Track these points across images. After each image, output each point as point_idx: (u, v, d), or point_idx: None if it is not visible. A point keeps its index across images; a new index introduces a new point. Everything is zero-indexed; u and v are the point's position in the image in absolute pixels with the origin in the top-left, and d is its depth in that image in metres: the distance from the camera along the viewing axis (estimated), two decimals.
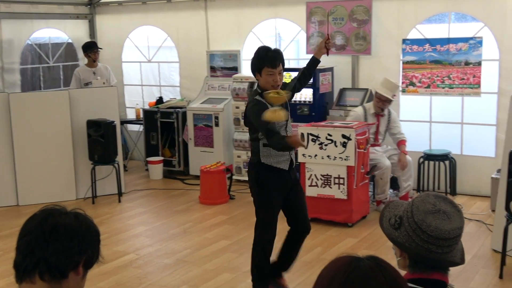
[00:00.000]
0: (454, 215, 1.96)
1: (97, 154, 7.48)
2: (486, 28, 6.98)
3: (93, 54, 8.68)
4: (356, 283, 1.35)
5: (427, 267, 1.96)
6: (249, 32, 8.66)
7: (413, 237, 1.95)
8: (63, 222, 1.71)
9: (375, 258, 1.42)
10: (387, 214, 2.08)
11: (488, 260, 5.35)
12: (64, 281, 1.69)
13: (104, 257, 1.88)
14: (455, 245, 1.97)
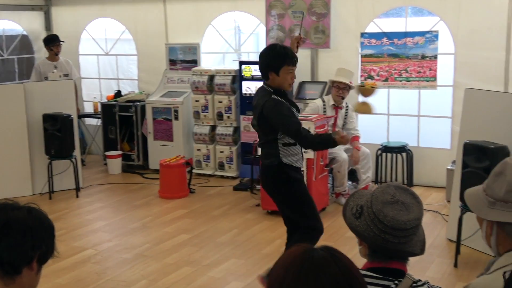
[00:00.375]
0: (413, 206, 1.98)
1: (54, 149, 7.35)
2: (442, 22, 7.11)
3: (55, 47, 8.52)
4: (310, 273, 1.36)
5: (385, 256, 1.99)
6: (208, 25, 8.61)
7: (371, 226, 1.97)
8: (15, 217, 1.68)
9: (329, 249, 1.44)
10: (351, 204, 2.11)
11: (444, 249, 5.47)
12: (17, 277, 1.66)
13: (60, 252, 1.85)
14: (413, 236, 1.99)
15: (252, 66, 7.73)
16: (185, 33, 8.76)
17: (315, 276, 1.36)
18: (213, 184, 7.93)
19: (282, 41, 7.97)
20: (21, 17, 9.65)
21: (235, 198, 7.25)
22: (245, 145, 7.85)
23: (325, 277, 1.36)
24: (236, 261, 5.31)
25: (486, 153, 4.84)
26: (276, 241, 5.77)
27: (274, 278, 1.41)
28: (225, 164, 8.18)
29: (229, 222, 6.40)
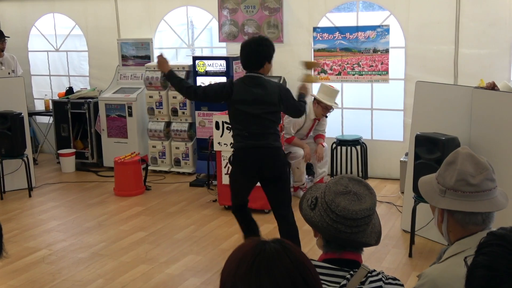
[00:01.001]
0: (366, 197, 2.02)
1: (4, 148, 7.17)
2: (392, 16, 7.22)
3: (1, 43, 8.27)
4: (262, 266, 1.36)
5: (339, 247, 2.02)
6: (161, 20, 8.53)
7: (325, 217, 2.00)
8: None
9: (280, 241, 1.44)
10: (308, 196, 2.14)
11: (399, 240, 5.58)
12: None
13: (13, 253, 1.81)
14: (365, 226, 2.02)
15: (206, 61, 7.70)
16: (137, 28, 8.66)
17: (267, 268, 1.36)
18: (169, 180, 7.88)
19: (235, 36, 7.97)
20: None
21: (191, 194, 7.22)
22: (200, 140, 7.82)
23: (278, 269, 1.36)
24: (193, 257, 5.29)
25: (437, 144, 4.95)
26: (233, 236, 5.78)
27: (227, 272, 1.41)
28: (181, 160, 8.14)
29: (186, 218, 6.37)
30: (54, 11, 9.29)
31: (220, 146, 6.39)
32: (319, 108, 6.88)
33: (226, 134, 6.33)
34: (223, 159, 6.41)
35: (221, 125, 6.35)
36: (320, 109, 6.88)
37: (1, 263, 4.96)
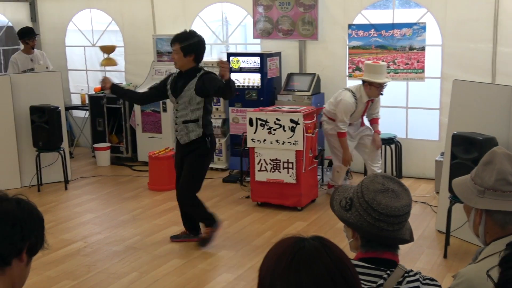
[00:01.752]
0: (402, 194, 2.01)
1: (42, 141, 7.30)
2: (429, 14, 7.13)
3: (31, 41, 8.42)
4: (301, 263, 1.36)
5: (379, 246, 2.01)
6: (196, 17, 8.58)
7: (365, 216, 1.99)
8: (4, 209, 1.67)
9: (319, 238, 1.44)
10: (337, 198, 2.12)
11: (433, 240, 5.52)
12: (7, 269, 1.65)
13: (49, 244, 1.83)
14: (405, 222, 2.03)
15: (240, 58, 7.72)
16: (172, 24, 8.71)
17: (306, 266, 1.36)
18: None
19: (269, 33, 7.97)
20: (6, 8, 9.55)
21: (224, 190, 7.25)
22: (234, 137, 7.85)
23: (317, 267, 1.36)
24: (226, 253, 5.32)
25: (475, 144, 4.88)
26: (266, 232, 5.79)
27: (266, 269, 1.41)
28: (214, 156, 8.17)
29: (219, 214, 6.36)
30: (91, 7, 9.41)
31: (253, 142, 6.41)
32: (372, 89, 6.43)
33: (259, 130, 6.35)
34: (256, 156, 6.42)
35: (255, 122, 6.36)
36: (373, 89, 6.43)
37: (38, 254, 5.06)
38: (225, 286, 4.67)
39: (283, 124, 6.25)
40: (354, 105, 6.47)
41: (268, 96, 7.68)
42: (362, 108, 6.62)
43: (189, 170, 5.28)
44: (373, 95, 6.52)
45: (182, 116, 5.18)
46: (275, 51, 7.85)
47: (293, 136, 6.22)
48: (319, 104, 7.47)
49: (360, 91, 6.49)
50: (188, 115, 5.16)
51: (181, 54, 5.11)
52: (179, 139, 5.28)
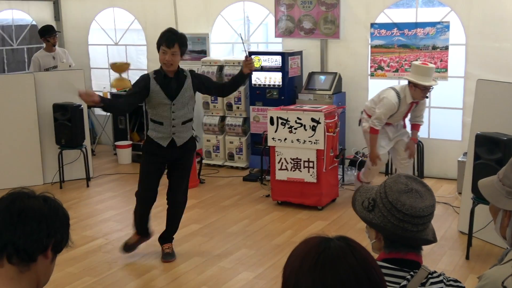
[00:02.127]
0: (426, 194, 2.00)
1: (64, 138, 7.38)
2: (453, 12, 7.06)
3: (52, 38, 8.48)
4: (326, 264, 1.36)
5: (403, 247, 1.99)
6: (218, 15, 8.59)
7: (388, 217, 1.97)
8: (31, 205, 1.69)
9: (345, 238, 1.44)
10: (359, 198, 2.10)
11: (455, 241, 5.46)
12: (32, 265, 1.67)
13: (73, 241, 1.85)
14: (429, 223, 2.01)
15: (262, 57, 7.71)
16: (194, 23, 8.74)
17: (332, 266, 1.35)
18: (222, 174, 7.94)
19: (291, 31, 7.95)
20: (30, 7, 9.66)
21: (245, 189, 7.26)
22: (254, 135, 7.85)
23: (342, 267, 1.35)
24: (246, 252, 5.32)
25: (499, 144, 4.82)
26: (286, 231, 5.78)
27: (290, 268, 1.41)
28: (234, 155, 8.19)
29: (240, 212, 6.41)
30: (114, 6, 9.48)
31: (274, 141, 6.40)
32: (417, 91, 6.05)
33: (280, 129, 6.34)
34: (276, 155, 6.41)
35: (276, 121, 6.35)
36: (418, 91, 6.05)
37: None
38: (244, 284, 4.67)
39: (304, 123, 6.23)
40: (397, 106, 6.14)
41: (289, 95, 7.66)
42: (405, 109, 6.27)
43: (188, 169, 5.20)
44: (418, 97, 6.14)
45: (181, 117, 4.94)
46: (297, 50, 7.83)
47: (314, 135, 6.20)
48: (340, 103, 7.44)
49: (405, 91, 6.14)
50: (186, 115, 4.99)
51: (179, 55, 4.91)
52: (176, 141, 4.96)
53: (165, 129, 4.93)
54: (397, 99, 6.13)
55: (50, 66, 8.42)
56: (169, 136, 4.94)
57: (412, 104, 6.23)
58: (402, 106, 6.18)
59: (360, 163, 7.41)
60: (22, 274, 1.66)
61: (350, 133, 7.77)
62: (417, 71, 6.04)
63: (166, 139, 4.95)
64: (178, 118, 4.93)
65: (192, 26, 8.77)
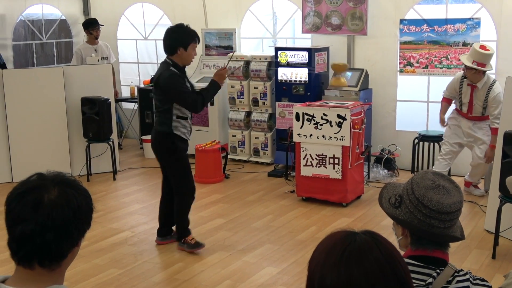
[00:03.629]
0: (454, 190, 1.98)
1: (92, 132, 7.46)
2: (484, 9, 6.95)
3: (95, 31, 8.65)
4: (352, 257, 1.36)
5: (429, 243, 1.98)
6: (247, 11, 8.59)
7: (415, 213, 1.96)
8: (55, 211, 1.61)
9: (371, 233, 1.43)
10: (386, 195, 2.09)
11: (482, 240, 5.39)
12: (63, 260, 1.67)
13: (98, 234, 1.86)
14: (456, 219, 1.99)
15: (288, 52, 7.69)
16: (223, 18, 8.76)
17: (357, 260, 1.35)
18: (247, 169, 7.95)
19: (318, 27, 7.91)
20: (60, 2, 9.78)
21: (269, 184, 7.26)
22: (280, 131, 7.84)
23: (368, 261, 1.35)
24: (270, 247, 5.33)
25: None
26: (310, 227, 5.77)
27: (316, 262, 1.41)
28: (260, 150, 8.19)
29: (264, 208, 6.42)
30: (143, 1, 9.54)
31: (299, 137, 6.39)
32: (467, 71, 6.17)
33: (306, 125, 6.32)
34: (302, 151, 6.40)
35: (302, 116, 6.34)
36: (467, 71, 6.15)
37: (86, 242, 5.18)
38: (268, 279, 4.67)
39: (330, 119, 6.20)
40: (458, 82, 6.37)
41: (315, 91, 7.64)
42: (467, 92, 6.31)
43: None
44: (469, 78, 6.23)
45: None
46: (323, 46, 7.80)
47: (340, 131, 6.17)
48: (367, 100, 7.39)
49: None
50: None
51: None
52: (189, 136, 5.24)
53: (188, 123, 5.17)
54: (461, 77, 6.36)
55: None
56: (190, 130, 5.22)
57: (472, 88, 6.27)
58: (463, 87, 6.34)
59: (386, 160, 7.36)
60: (53, 272, 1.64)
61: (376, 130, 7.72)
62: (470, 52, 6.21)
63: (189, 133, 5.21)
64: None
65: (221, 21, 8.79)
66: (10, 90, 7.30)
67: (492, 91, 6.18)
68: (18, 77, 7.41)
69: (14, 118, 7.34)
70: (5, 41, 9.02)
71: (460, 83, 6.37)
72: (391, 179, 7.24)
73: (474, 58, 6.08)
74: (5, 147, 7.39)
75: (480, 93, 6.24)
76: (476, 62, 6.07)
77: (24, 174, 1.80)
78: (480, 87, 6.21)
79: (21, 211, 1.61)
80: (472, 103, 6.35)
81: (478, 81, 6.21)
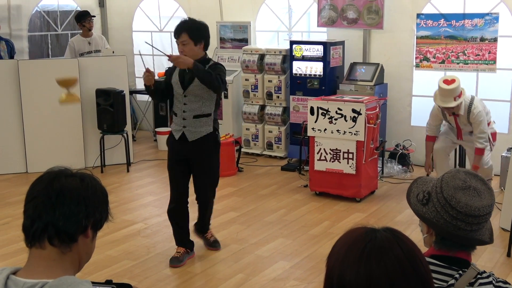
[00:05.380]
0: (485, 193, 1.91)
1: (106, 124, 7.48)
2: (503, 3, 6.86)
3: (88, 23, 8.48)
4: (372, 255, 1.34)
5: (454, 245, 1.93)
6: (262, 4, 8.55)
7: (442, 213, 1.90)
8: (69, 186, 1.69)
9: (391, 230, 1.42)
10: (415, 190, 2.04)
11: (497, 238, 5.32)
12: (74, 245, 1.68)
13: (111, 224, 1.86)
14: (484, 223, 1.92)
15: (303, 46, 7.65)
16: (239, 11, 8.73)
17: (377, 257, 1.34)
18: (261, 163, 7.94)
19: (334, 21, 7.86)
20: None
21: (283, 178, 7.24)
22: (294, 125, 7.81)
23: (388, 258, 1.34)
24: (283, 241, 5.31)
25: None
26: (324, 222, 5.74)
27: (335, 258, 1.39)
28: (273, 144, 8.17)
29: (277, 201, 6.40)
30: None
31: (314, 131, 6.35)
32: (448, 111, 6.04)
33: (320, 119, 6.28)
34: (316, 145, 6.37)
35: (316, 111, 6.30)
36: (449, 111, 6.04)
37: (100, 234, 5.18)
38: (281, 273, 4.66)
39: (344, 114, 6.17)
40: (440, 112, 6.17)
41: (330, 85, 7.59)
42: (451, 120, 6.19)
43: (210, 167, 4.90)
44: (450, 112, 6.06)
45: (194, 111, 4.68)
46: (339, 40, 7.74)
47: (354, 126, 6.13)
48: (382, 95, 7.34)
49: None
50: (201, 109, 4.69)
51: (191, 44, 4.61)
52: (188, 136, 4.72)
53: (177, 121, 4.76)
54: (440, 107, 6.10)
55: (85, 51, 8.47)
56: (180, 129, 4.73)
57: (455, 116, 6.09)
58: (447, 116, 6.15)
59: (401, 156, 7.31)
60: (64, 255, 1.67)
61: (391, 125, 7.67)
62: (438, 93, 5.95)
63: (178, 132, 4.75)
64: (189, 111, 4.68)
65: (236, 14, 8.75)
66: (25, 81, 7.33)
67: (471, 112, 5.99)
68: (33, 68, 7.44)
69: (29, 109, 7.38)
70: (21, 32, 9.05)
71: (442, 112, 6.17)
72: (405, 174, 7.19)
73: (454, 95, 5.87)
74: (20, 138, 7.42)
75: (464, 117, 6.08)
76: (456, 96, 5.89)
77: (38, 165, 1.86)
78: (462, 113, 6.03)
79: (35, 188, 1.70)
80: (460, 129, 6.26)
81: (459, 110, 6.01)
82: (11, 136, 7.42)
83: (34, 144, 7.44)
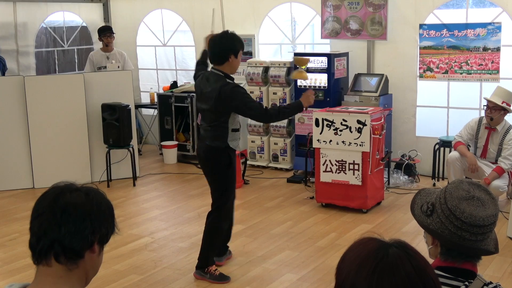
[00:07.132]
0: (489, 202, 1.92)
1: (112, 138, 7.50)
2: (505, 13, 6.88)
3: (105, 38, 8.61)
4: (384, 272, 1.35)
5: (460, 255, 1.93)
6: (265, 16, 8.60)
7: (446, 224, 1.91)
8: (74, 202, 1.68)
9: (403, 246, 1.42)
10: (419, 201, 2.04)
11: (504, 248, 5.31)
12: (80, 261, 1.67)
13: (117, 239, 1.86)
14: (489, 233, 1.93)
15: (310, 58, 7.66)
16: (241, 24, 8.76)
17: (389, 275, 1.35)
18: (267, 175, 7.94)
19: (337, 33, 7.89)
20: (81, 9, 9.88)
21: (289, 190, 7.24)
22: (299, 137, 7.82)
23: (400, 276, 1.35)
24: (290, 253, 5.30)
25: None
26: (330, 234, 5.74)
27: (347, 272, 1.40)
28: (279, 156, 8.18)
29: (283, 214, 6.40)
30: (162, 8, 9.60)
31: (319, 143, 6.36)
32: (495, 113, 6.07)
33: (325, 131, 6.29)
34: (321, 156, 6.37)
35: (321, 122, 6.31)
36: (496, 114, 6.06)
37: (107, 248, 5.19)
38: (288, 286, 4.65)
39: (349, 125, 6.17)
40: (476, 125, 6.26)
41: (334, 97, 7.61)
42: (483, 135, 6.24)
43: None
44: (494, 119, 6.10)
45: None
46: (343, 51, 7.77)
47: (359, 137, 6.14)
48: (387, 105, 7.34)
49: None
50: None
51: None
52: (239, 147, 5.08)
53: (240, 134, 4.87)
54: (477, 119, 6.30)
55: (102, 65, 8.57)
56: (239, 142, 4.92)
57: (489, 131, 6.18)
58: (481, 130, 6.24)
59: (406, 166, 7.31)
60: (70, 272, 1.66)
61: (396, 136, 7.67)
62: (495, 91, 6.17)
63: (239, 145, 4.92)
64: None
65: (239, 27, 8.78)
66: (32, 97, 7.38)
67: (509, 133, 6.09)
68: (40, 84, 7.49)
69: (35, 124, 7.42)
70: (28, 48, 9.13)
71: (477, 126, 6.25)
72: (411, 185, 7.19)
73: (504, 98, 6.01)
74: (26, 153, 7.46)
75: (498, 136, 6.13)
76: (506, 102, 6.02)
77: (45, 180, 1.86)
78: (499, 129, 6.12)
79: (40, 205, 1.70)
80: (486, 148, 6.26)
81: (499, 124, 6.11)
82: (18, 152, 7.46)
83: (41, 159, 7.47)
